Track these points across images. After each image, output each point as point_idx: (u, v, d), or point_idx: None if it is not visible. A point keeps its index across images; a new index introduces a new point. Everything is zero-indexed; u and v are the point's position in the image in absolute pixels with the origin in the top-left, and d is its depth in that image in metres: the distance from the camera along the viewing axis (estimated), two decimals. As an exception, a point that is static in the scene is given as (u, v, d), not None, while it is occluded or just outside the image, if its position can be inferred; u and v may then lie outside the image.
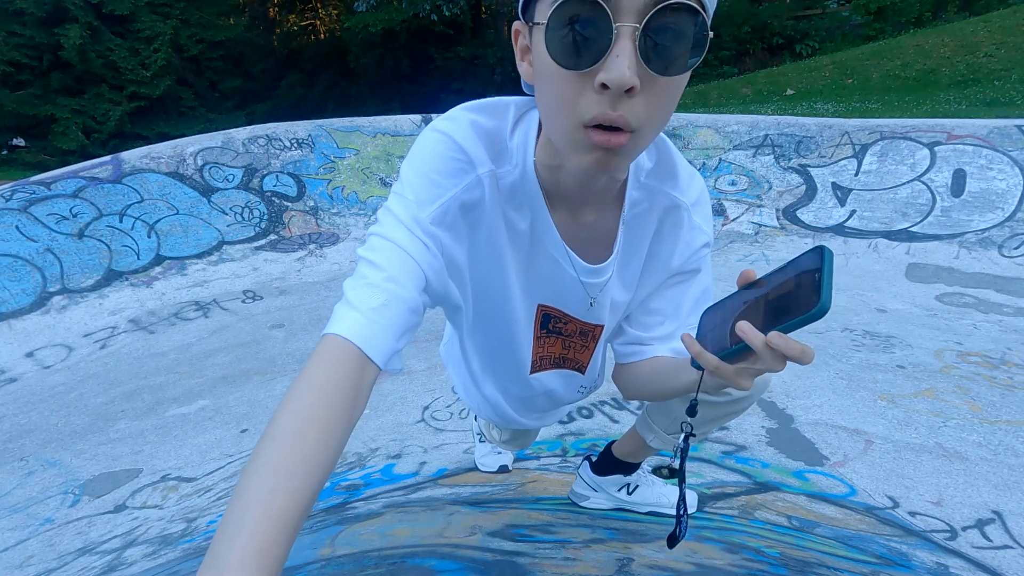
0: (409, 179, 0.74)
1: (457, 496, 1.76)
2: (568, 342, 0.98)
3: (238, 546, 0.48)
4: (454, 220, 0.75)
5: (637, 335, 0.93)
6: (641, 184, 0.79)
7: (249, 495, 0.51)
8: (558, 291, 0.88)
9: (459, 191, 0.74)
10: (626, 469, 1.50)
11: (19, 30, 16.01)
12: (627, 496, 1.53)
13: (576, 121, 0.59)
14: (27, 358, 3.99)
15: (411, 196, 0.73)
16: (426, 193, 0.73)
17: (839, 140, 5.27)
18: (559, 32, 0.56)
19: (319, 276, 5.17)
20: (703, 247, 0.86)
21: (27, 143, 18.16)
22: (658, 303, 0.91)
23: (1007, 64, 9.20)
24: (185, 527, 2.02)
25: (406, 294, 0.68)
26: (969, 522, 1.81)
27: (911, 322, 3.54)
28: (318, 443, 0.57)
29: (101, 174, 5.03)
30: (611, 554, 1.20)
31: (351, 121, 6.33)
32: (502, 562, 1.12)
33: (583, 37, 0.55)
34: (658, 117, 0.60)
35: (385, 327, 0.66)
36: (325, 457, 0.57)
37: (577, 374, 1.06)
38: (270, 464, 0.54)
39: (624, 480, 1.52)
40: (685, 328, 0.87)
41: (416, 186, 0.73)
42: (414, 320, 0.70)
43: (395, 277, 0.68)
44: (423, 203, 0.72)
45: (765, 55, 17.04)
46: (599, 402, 2.66)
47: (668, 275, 0.88)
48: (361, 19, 17.93)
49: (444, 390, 2.91)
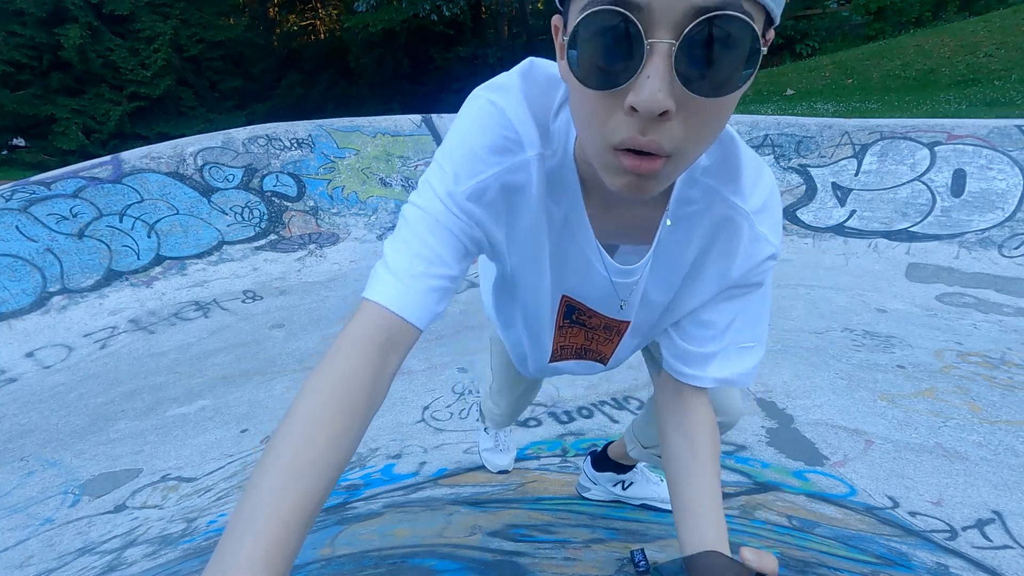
0: (451, 149, 0.70)
1: (457, 496, 1.76)
2: (591, 334, 0.93)
3: (246, 546, 0.48)
4: (493, 199, 0.70)
5: (684, 347, 0.84)
6: (697, 182, 0.70)
7: (258, 494, 0.51)
8: (586, 286, 0.83)
9: (502, 170, 0.69)
10: (619, 469, 1.58)
11: (19, 30, 16.01)
12: (622, 491, 1.62)
13: (606, 142, 0.53)
14: (27, 358, 3.99)
15: (449, 169, 0.69)
16: (466, 168, 0.69)
17: (839, 140, 5.27)
18: (586, 47, 0.49)
19: (319, 276, 5.18)
20: (768, 259, 0.76)
21: (27, 143, 18.16)
22: (711, 315, 0.81)
23: (1007, 64, 9.20)
24: (185, 527, 2.02)
25: (444, 262, 0.68)
26: (969, 522, 1.81)
27: (911, 322, 3.54)
28: (328, 445, 0.56)
29: (101, 174, 5.03)
30: (611, 554, 1.20)
31: (351, 121, 6.33)
32: (502, 562, 1.12)
33: (611, 54, 0.48)
34: (701, 138, 0.53)
35: (425, 293, 0.66)
36: (336, 458, 0.56)
37: (599, 364, 1.01)
38: (280, 464, 0.53)
39: (619, 478, 1.60)
40: (733, 349, 0.81)
41: (457, 159, 0.69)
42: (454, 285, 0.70)
43: (434, 247, 0.68)
44: (460, 178, 0.69)
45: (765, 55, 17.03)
46: (599, 402, 2.66)
47: (725, 287, 0.79)
48: (361, 19, 17.94)
49: (444, 390, 2.92)
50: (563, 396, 2.74)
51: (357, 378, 0.62)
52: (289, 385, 3.23)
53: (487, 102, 0.69)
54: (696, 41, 0.46)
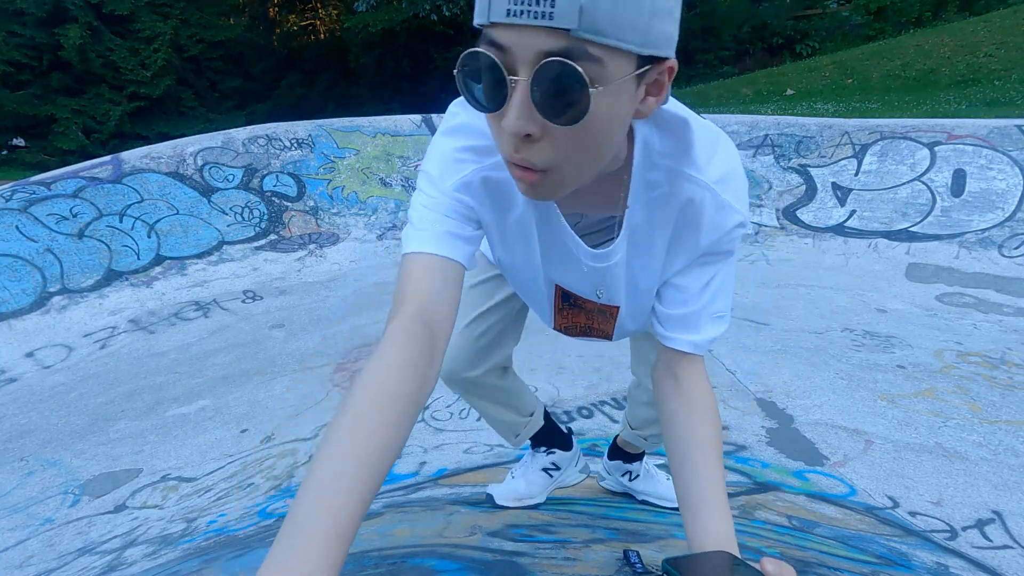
0: (432, 155, 0.79)
1: (457, 496, 1.76)
2: (591, 315, 0.99)
3: (306, 534, 0.50)
4: (478, 192, 0.79)
5: (659, 309, 0.89)
6: (657, 165, 0.75)
7: (317, 486, 0.54)
8: (570, 273, 0.89)
9: (482, 167, 0.77)
10: (626, 458, 1.64)
11: (19, 30, 15.99)
12: (629, 482, 1.68)
13: (506, 154, 0.62)
14: (27, 358, 3.99)
15: (435, 172, 0.78)
16: (449, 168, 0.78)
17: (839, 140, 5.27)
18: (469, 79, 0.59)
19: (319, 276, 5.18)
20: (736, 228, 0.79)
21: (27, 143, 18.15)
22: (684, 280, 0.86)
23: (1007, 64, 9.20)
24: (185, 527, 2.02)
25: (460, 224, 0.78)
26: (969, 522, 1.81)
27: (911, 322, 3.54)
28: (380, 447, 0.59)
29: (101, 174, 5.03)
30: (611, 554, 1.20)
31: (351, 121, 6.33)
32: (502, 562, 1.12)
33: (486, 86, 0.57)
34: (574, 156, 0.60)
35: (458, 235, 0.76)
36: (389, 452, 0.60)
37: (604, 340, 1.06)
38: (336, 455, 0.57)
39: (626, 467, 1.65)
40: (703, 314, 0.85)
41: (438, 162, 0.78)
42: (475, 244, 0.80)
43: (446, 216, 0.77)
44: (445, 176, 0.78)
45: (765, 55, 17.05)
46: (599, 402, 2.66)
47: (697, 255, 0.83)
48: (361, 19, 17.92)
49: (444, 390, 2.91)
50: (563, 396, 2.74)
51: (411, 359, 0.66)
52: (289, 385, 3.23)
53: (463, 111, 0.78)
54: (544, 78, 0.53)
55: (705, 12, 17.49)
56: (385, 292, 4.69)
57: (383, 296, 4.60)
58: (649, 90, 0.60)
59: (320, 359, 3.54)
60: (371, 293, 4.70)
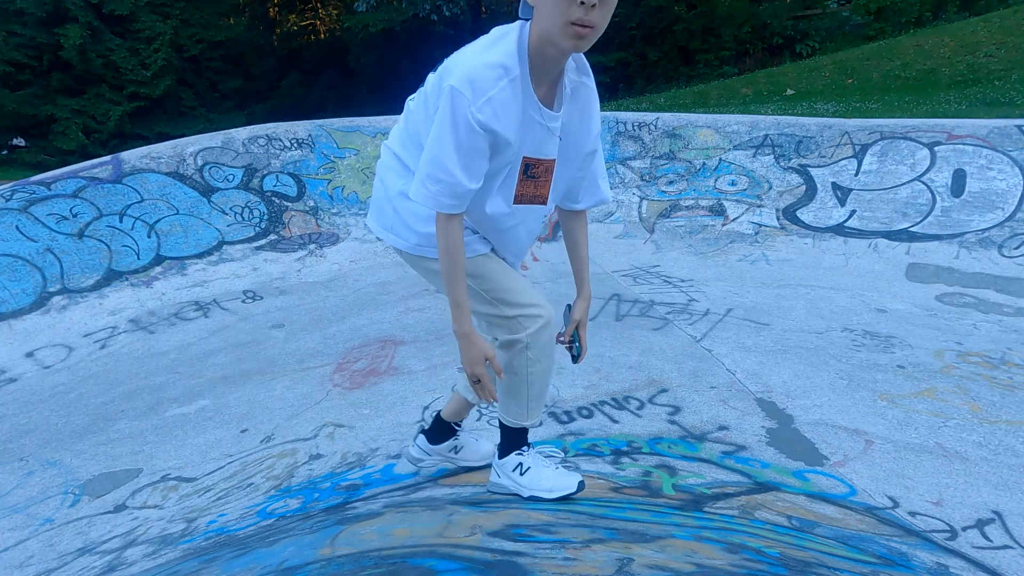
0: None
1: (457, 496, 1.76)
2: (537, 183, 1.44)
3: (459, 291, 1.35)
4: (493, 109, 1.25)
5: (570, 189, 1.55)
6: (570, 77, 1.35)
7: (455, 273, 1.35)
8: (535, 139, 1.35)
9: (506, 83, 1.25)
10: (451, 432, 1.86)
11: (19, 30, 15.99)
12: (455, 455, 1.90)
13: (565, 20, 1.13)
14: (27, 358, 3.99)
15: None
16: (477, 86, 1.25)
17: (839, 140, 5.27)
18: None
19: (319, 276, 5.18)
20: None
21: (27, 143, 18.15)
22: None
23: (1007, 64, 9.20)
24: (185, 527, 2.02)
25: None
26: (969, 522, 1.81)
27: (911, 322, 3.54)
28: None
29: (101, 174, 5.03)
30: (611, 554, 1.20)
31: (351, 121, 6.33)
32: (502, 562, 1.12)
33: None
34: (605, 22, 1.17)
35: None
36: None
37: (542, 207, 1.50)
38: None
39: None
40: (596, 179, 1.55)
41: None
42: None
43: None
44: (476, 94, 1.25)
45: (765, 55, 17.04)
46: (599, 402, 2.67)
47: (593, 137, 1.45)
48: (361, 19, 17.91)
49: (444, 390, 2.92)
50: (563, 396, 2.74)
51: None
52: (289, 385, 3.23)
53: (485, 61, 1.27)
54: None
55: (705, 12, 17.48)
56: (385, 292, 4.69)
57: (383, 296, 4.60)
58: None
59: (320, 359, 3.54)
60: (371, 293, 4.71)
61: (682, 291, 4.22)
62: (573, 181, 1.51)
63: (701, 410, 2.57)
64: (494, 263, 1.50)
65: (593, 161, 1.49)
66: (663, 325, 3.62)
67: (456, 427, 1.87)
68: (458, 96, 1.19)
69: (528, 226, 1.52)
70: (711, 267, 4.81)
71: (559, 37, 1.15)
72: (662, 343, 3.32)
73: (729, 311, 3.77)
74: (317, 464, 2.39)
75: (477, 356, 1.41)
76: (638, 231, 5.59)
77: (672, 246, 5.31)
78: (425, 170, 1.27)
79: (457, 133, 1.21)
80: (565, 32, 1.13)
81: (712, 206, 5.55)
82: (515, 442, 1.65)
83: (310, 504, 1.97)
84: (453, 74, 1.20)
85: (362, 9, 17.49)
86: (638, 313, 3.86)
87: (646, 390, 2.75)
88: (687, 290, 4.24)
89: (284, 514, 1.90)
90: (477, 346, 1.41)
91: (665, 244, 5.36)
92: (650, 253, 5.24)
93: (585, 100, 1.38)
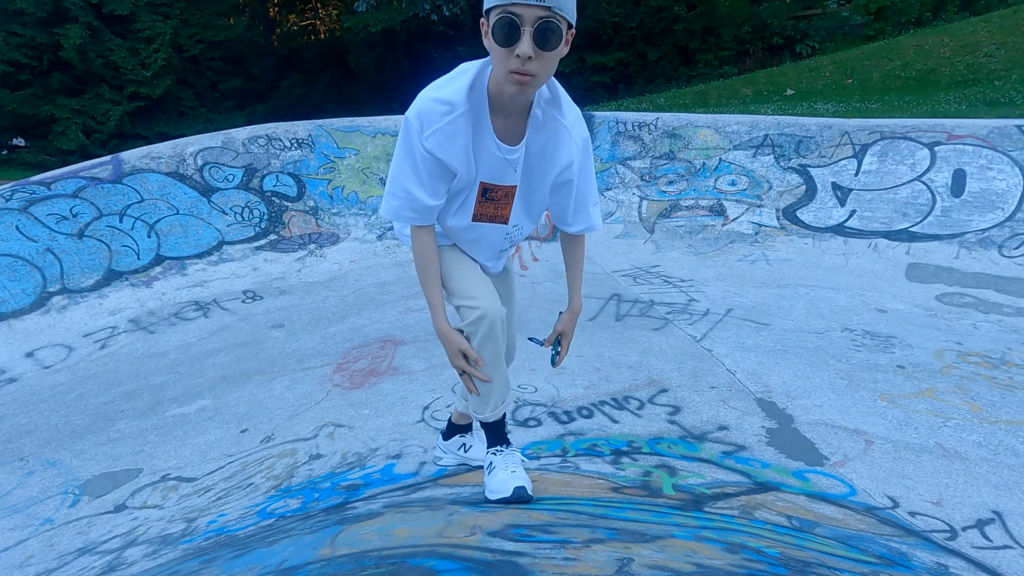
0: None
1: (457, 496, 1.76)
2: (497, 204, 1.51)
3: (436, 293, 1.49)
4: (439, 139, 1.35)
5: (557, 212, 1.60)
6: (544, 109, 1.40)
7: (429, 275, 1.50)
8: (491, 168, 1.43)
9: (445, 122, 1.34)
10: (462, 431, 2.05)
11: (19, 30, 15.99)
12: (464, 453, 2.06)
13: (507, 69, 1.23)
14: (27, 358, 3.99)
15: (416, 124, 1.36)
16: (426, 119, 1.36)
17: (839, 140, 5.27)
18: (498, 31, 1.20)
19: (319, 276, 5.18)
20: (584, 146, 1.48)
21: (27, 143, 18.15)
22: (562, 190, 1.54)
23: (1007, 64, 9.20)
24: (185, 527, 2.02)
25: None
26: (969, 522, 1.81)
27: (911, 322, 3.54)
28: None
29: (101, 174, 5.03)
30: (611, 554, 1.20)
31: (351, 121, 6.33)
32: (502, 562, 1.12)
33: (508, 34, 1.19)
34: (546, 70, 1.26)
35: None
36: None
37: (503, 225, 1.56)
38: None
39: (462, 440, 2.06)
40: (583, 206, 1.57)
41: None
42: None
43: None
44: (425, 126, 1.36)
45: (765, 55, 17.03)
46: (599, 402, 2.67)
47: (563, 169, 1.47)
48: (361, 19, 17.91)
49: (444, 390, 2.92)
50: (563, 396, 2.74)
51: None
52: (289, 385, 3.23)
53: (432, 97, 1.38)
54: (539, 29, 1.18)
55: (705, 12, 17.46)
56: (385, 292, 4.69)
57: (383, 296, 4.60)
58: (567, 41, 1.25)
59: (320, 359, 3.54)
60: (371, 293, 4.70)
61: (682, 291, 4.22)
62: (554, 206, 1.57)
63: (701, 410, 2.57)
64: (452, 253, 1.61)
65: (571, 191, 1.51)
66: (663, 325, 3.62)
67: (465, 427, 2.05)
68: (409, 126, 1.35)
69: (490, 241, 1.60)
70: (711, 267, 4.81)
71: (504, 83, 1.25)
72: (662, 343, 3.32)
73: (729, 311, 3.77)
74: (317, 464, 2.39)
75: (453, 350, 1.51)
76: (638, 231, 5.59)
77: (672, 246, 5.31)
78: (388, 187, 1.46)
79: (412, 157, 1.37)
80: (508, 79, 1.23)
81: (712, 206, 5.55)
82: (493, 437, 1.70)
83: (310, 504, 1.97)
84: (412, 106, 1.35)
85: (362, 9, 17.50)
86: (638, 313, 3.86)
87: (646, 390, 2.75)
88: (687, 290, 4.24)
89: (284, 514, 1.90)
90: (452, 340, 1.50)
91: (665, 244, 5.36)
92: (650, 253, 5.24)
93: (553, 133, 1.41)
